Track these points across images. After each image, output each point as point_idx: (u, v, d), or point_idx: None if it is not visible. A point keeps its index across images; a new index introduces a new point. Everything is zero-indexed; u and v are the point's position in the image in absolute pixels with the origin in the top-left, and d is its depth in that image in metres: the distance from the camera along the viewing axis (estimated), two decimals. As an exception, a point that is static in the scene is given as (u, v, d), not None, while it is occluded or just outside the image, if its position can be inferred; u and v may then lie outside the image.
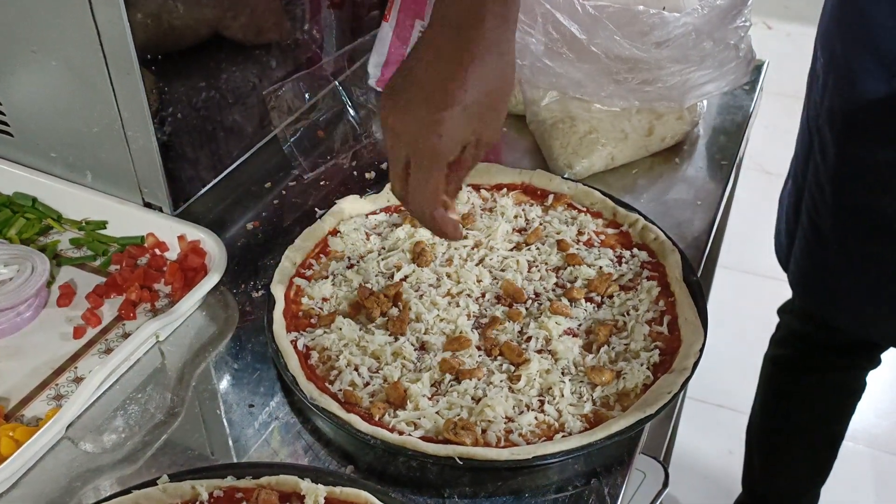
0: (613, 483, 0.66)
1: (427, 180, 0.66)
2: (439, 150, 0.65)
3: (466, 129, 0.65)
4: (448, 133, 0.64)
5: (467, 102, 0.64)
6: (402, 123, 0.65)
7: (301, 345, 0.74)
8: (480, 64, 0.64)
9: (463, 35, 0.64)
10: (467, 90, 0.64)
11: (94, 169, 0.87)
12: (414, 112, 0.65)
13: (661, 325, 0.76)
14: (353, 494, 0.62)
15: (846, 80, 1.04)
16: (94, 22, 0.75)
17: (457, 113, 0.64)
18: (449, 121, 0.64)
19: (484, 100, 0.65)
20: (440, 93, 0.64)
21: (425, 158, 0.65)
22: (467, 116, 0.64)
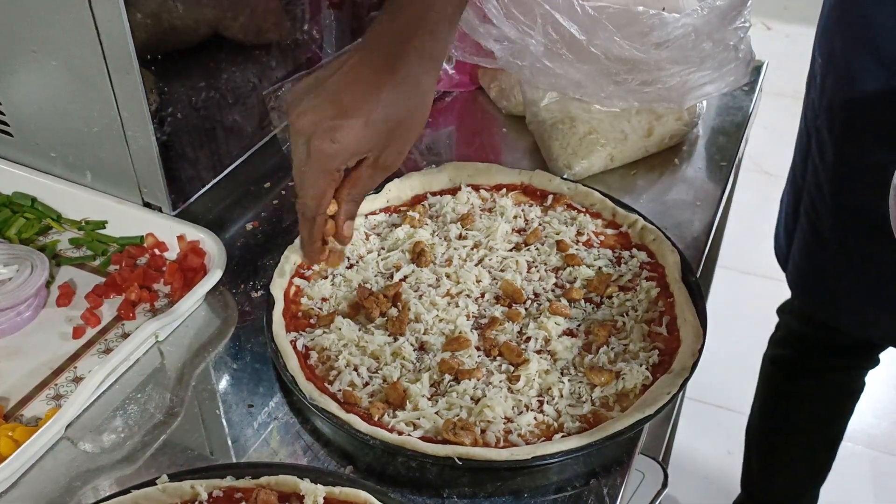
0: (612, 483, 0.66)
1: (315, 180, 0.68)
2: (330, 153, 0.66)
3: (364, 143, 0.66)
4: (343, 141, 0.65)
5: (372, 119, 0.65)
6: (304, 120, 0.66)
7: (300, 345, 0.74)
8: (395, 87, 0.66)
9: (388, 57, 0.66)
10: (375, 106, 0.65)
11: (94, 169, 0.87)
12: (317, 113, 0.66)
13: (660, 326, 0.76)
14: (352, 494, 0.62)
15: (845, 80, 1.04)
16: (94, 22, 0.75)
17: (357, 124, 0.65)
18: (347, 129, 0.65)
19: (390, 123, 0.67)
20: (348, 101, 0.65)
21: (316, 159, 0.67)
22: (368, 132, 0.66)
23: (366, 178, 0.70)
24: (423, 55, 0.67)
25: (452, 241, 0.85)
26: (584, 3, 0.87)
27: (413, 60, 0.66)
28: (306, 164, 0.67)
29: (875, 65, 1.00)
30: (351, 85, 0.66)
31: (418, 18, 0.66)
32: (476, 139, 1.06)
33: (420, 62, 0.67)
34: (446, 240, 0.85)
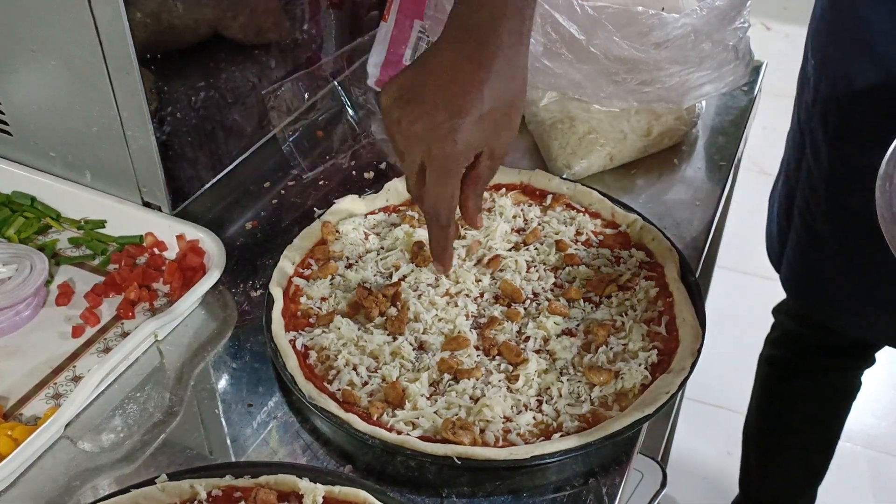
0: (611, 483, 0.67)
1: (444, 185, 0.68)
2: (455, 155, 0.66)
3: (480, 137, 0.66)
4: (464, 140, 0.65)
5: (483, 111, 0.65)
6: (417, 127, 0.66)
7: (300, 344, 0.75)
8: (496, 76, 0.65)
9: (481, 47, 0.65)
10: (484, 100, 0.65)
11: (93, 168, 0.87)
12: (430, 117, 0.65)
13: (659, 326, 0.76)
14: (351, 494, 0.62)
15: (840, 82, 1.04)
16: (94, 21, 0.75)
17: (473, 120, 0.65)
18: (466, 127, 0.65)
19: (498, 111, 0.66)
20: (458, 99, 0.65)
21: (441, 163, 0.66)
22: (482, 125, 0.66)
23: (486, 170, 0.70)
24: (513, 37, 0.66)
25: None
26: (584, 3, 0.87)
27: (505, 45, 0.66)
28: (430, 170, 0.67)
29: (869, 67, 1.00)
30: (453, 83, 0.66)
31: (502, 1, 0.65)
32: (475, 139, 1.06)
33: (511, 45, 0.66)
34: (445, 239, 0.85)
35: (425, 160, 0.67)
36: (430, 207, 0.69)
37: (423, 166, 0.68)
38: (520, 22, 0.66)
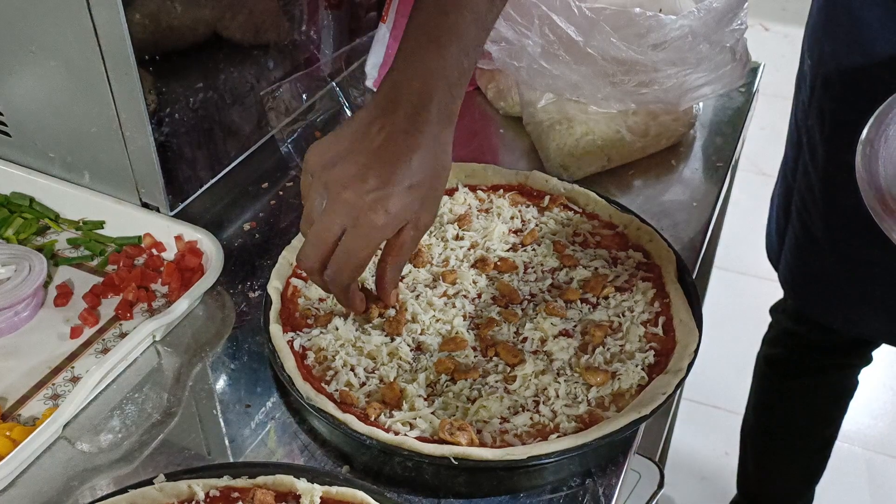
0: (608, 483, 0.67)
1: (359, 253, 0.67)
2: (383, 225, 0.65)
3: (409, 208, 0.66)
4: (394, 209, 0.65)
5: (413, 182, 0.65)
6: (347, 194, 0.65)
7: (297, 345, 0.75)
8: (425, 149, 0.66)
9: (411, 119, 0.65)
10: (413, 170, 0.65)
11: (92, 169, 0.87)
12: (361, 184, 0.64)
13: (656, 327, 0.77)
14: (348, 494, 0.62)
15: (836, 82, 1.05)
16: (93, 22, 0.75)
17: (403, 190, 0.65)
18: (396, 197, 0.65)
19: (426, 183, 0.66)
20: (389, 168, 0.65)
21: (366, 232, 0.65)
22: (411, 196, 0.66)
23: (410, 240, 0.69)
24: (442, 113, 0.66)
25: (449, 241, 0.85)
26: (581, 5, 0.87)
27: (434, 120, 0.66)
28: (351, 238, 0.66)
29: (864, 65, 1.00)
30: (382, 151, 0.65)
31: (437, 75, 0.66)
32: (474, 140, 1.06)
33: (440, 120, 0.66)
34: (443, 240, 0.85)
35: (348, 227, 0.66)
36: (336, 275, 0.68)
37: (340, 233, 0.66)
38: (449, 99, 0.66)
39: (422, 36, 0.67)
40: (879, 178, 0.75)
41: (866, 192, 0.74)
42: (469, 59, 0.67)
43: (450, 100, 0.67)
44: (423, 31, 0.67)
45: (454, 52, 0.66)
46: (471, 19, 0.66)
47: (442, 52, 0.66)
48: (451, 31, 0.66)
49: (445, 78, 0.66)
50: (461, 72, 0.66)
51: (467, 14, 0.66)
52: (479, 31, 0.67)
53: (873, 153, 0.77)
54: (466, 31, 0.66)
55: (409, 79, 0.66)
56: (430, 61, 0.66)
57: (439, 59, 0.66)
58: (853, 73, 1.01)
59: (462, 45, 0.66)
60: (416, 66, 0.66)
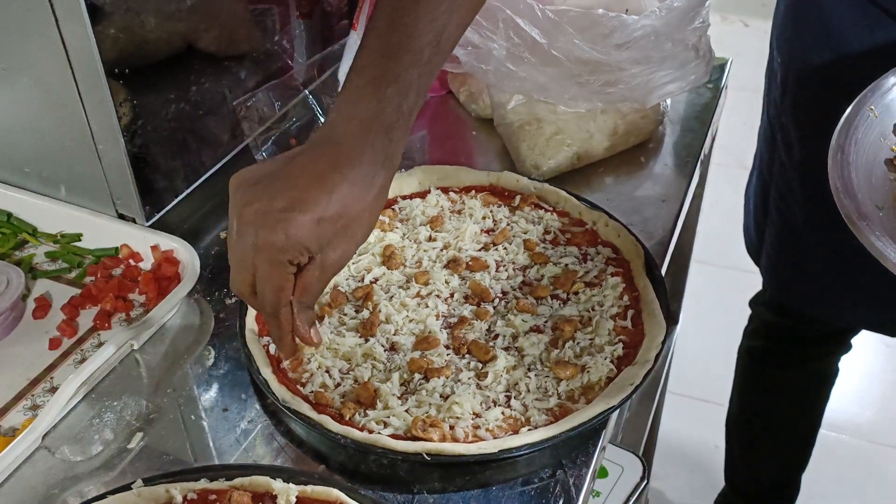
0: (578, 474, 0.68)
1: (268, 274, 0.65)
2: (279, 246, 0.63)
3: (314, 241, 0.64)
4: (293, 235, 0.62)
5: (324, 216, 0.63)
6: (250, 210, 0.63)
7: (273, 349, 0.76)
8: (349, 185, 0.64)
9: (341, 154, 0.64)
10: (329, 202, 0.63)
11: (68, 183, 0.88)
12: (268, 203, 0.63)
13: (625, 320, 0.78)
14: (324, 493, 0.64)
15: (807, 77, 1.06)
16: (61, 38, 0.76)
17: (309, 219, 0.63)
18: (298, 223, 0.62)
19: (341, 220, 0.64)
20: (301, 194, 0.63)
21: (266, 253, 0.64)
22: (319, 229, 0.63)
23: (314, 281, 0.66)
24: (378, 154, 0.65)
25: (422, 243, 0.86)
26: (545, 8, 0.89)
27: (367, 159, 0.64)
28: (255, 257, 0.64)
29: (834, 60, 1.02)
30: (302, 179, 0.64)
31: (374, 116, 0.65)
32: (448, 142, 1.08)
33: (374, 161, 0.65)
34: (416, 242, 0.87)
35: (253, 248, 0.64)
36: (261, 302, 0.67)
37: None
38: (386, 143, 0.65)
39: (361, 78, 0.66)
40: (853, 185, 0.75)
41: (841, 201, 0.74)
42: (408, 102, 0.66)
43: (386, 143, 0.65)
44: (363, 73, 0.66)
45: (391, 95, 0.65)
46: (409, 62, 0.65)
47: (378, 94, 0.65)
48: (389, 75, 0.65)
49: (381, 122, 0.65)
50: (399, 114, 0.65)
51: (405, 58, 0.65)
52: (420, 75, 0.66)
53: (844, 160, 0.77)
54: (405, 75, 0.65)
55: (345, 119, 0.65)
56: (368, 104, 0.65)
57: (376, 102, 0.65)
58: (825, 69, 1.03)
59: (399, 88, 0.65)
60: (353, 108, 0.65)
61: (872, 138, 0.80)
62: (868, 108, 0.81)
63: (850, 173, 0.76)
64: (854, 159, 0.77)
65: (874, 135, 0.80)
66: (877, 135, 0.81)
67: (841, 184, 0.75)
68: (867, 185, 0.75)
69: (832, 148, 0.78)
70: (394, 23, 0.66)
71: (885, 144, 0.81)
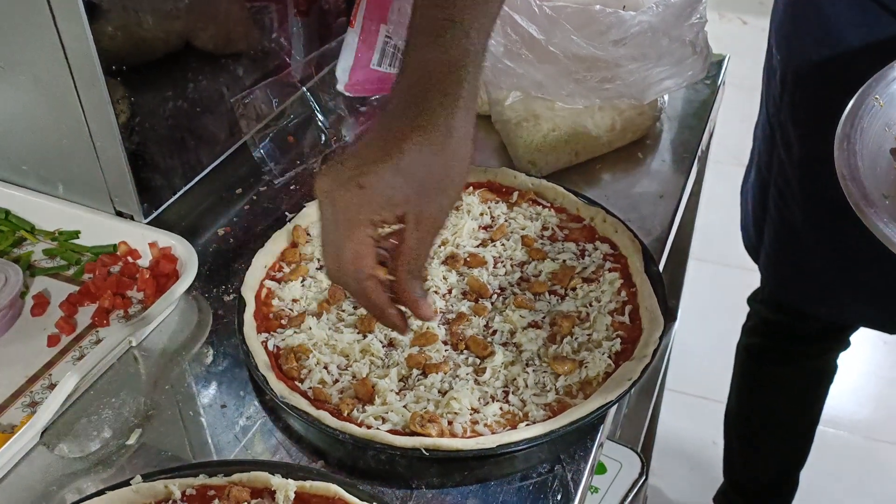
0: (576, 469, 0.68)
1: (346, 239, 0.59)
2: (357, 202, 0.58)
3: (396, 192, 0.59)
4: (371, 185, 0.58)
5: (400, 166, 0.59)
6: (324, 180, 0.60)
7: (272, 345, 0.76)
8: (422, 136, 0.60)
9: (410, 108, 0.61)
10: (404, 151, 0.59)
11: (66, 180, 0.88)
12: (341, 166, 0.60)
13: (622, 316, 0.78)
14: (322, 488, 0.64)
15: (807, 76, 1.06)
16: (59, 37, 0.76)
17: (386, 169, 0.58)
18: (374, 174, 0.58)
19: (422, 174, 0.60)
20: (373, 149, 0.60)
21: (343, 212, 0.59)
22: (399, 180, 0.59)
23: (414, 242, 0.61)
24: (449, 98, 0.60)
25: (420, 239, 0.86)
26: (542, 4, 0.89)
27: (437, 107, 0.60)
28: (335, 227, 0.60)
29: (833, 58, 1.02)
30: (373, 139, 0.61)
31: (438, 60, 0.61)
32: (445, 140, 1.08)
33: (447, 109, 0.60)
34: (414, 239, 0.87)
35: (332, 220, 0.60)
36: (340, 275, 0.61)
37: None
38: (455, 84, 0.61)
39: (417, 34, 0.62)
40: (860, 173, 0.74)
41: (849, 190, 0.73)
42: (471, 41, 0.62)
43: (456, 85, 0.61)
44: (418, 28, 0.63)
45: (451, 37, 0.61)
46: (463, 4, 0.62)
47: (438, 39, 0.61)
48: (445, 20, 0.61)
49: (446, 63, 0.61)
50: (465, 54, 0.61)
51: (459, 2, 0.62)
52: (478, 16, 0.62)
53: (851, 148, 0.77)
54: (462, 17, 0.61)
55: (407, 73, 0.62)
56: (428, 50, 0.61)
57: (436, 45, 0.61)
58: (824, 66, 1.03)
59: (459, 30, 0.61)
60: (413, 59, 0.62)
61: (877, 128, 0.79)
62: (873, 97, 0.81)
63: (857, 162, 0.75)
64: (860, 148, 0.77)
65: (879, 124, 0.80)
66: (881, 125, 0.80)
67: (847, 172, 0.74)
68: (872, 175, 0.75)
69: (838, 137, 0.78)
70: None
71: (889, 134, 0.80)
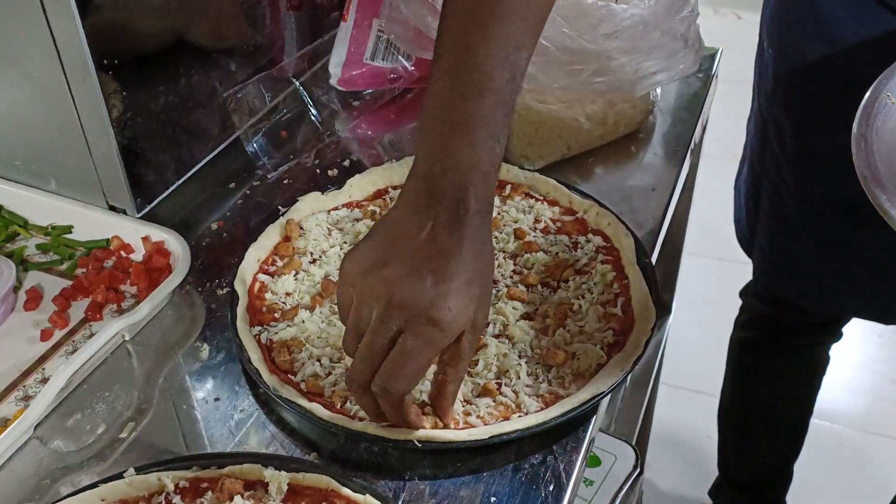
0: (569, 460, 0.68)
1: (419, 356, 0.60)
2: (447, 324, 0.60)
3: (470, 305, 0.61)
4: (457, 307, 0.60)
5: (468, 277, 0.61)
6: (405, 292, 0.59)
7: (265, 339, 0.76)
8: (471, 240, 0.62)
9: (451, 211, 0.61)
10: (467, 263, 0.61)
11: (58, 175, 0.88)
12: (417, 282, 0.60)
13: (615, 307, 0.79)
14: (315, 480, 0.64)
15: (799, 68, 1.07)
16: (50, 31, 0.76)
17: (462, 285, 0.60)
18: (457, 293, 0.60)
19: (479, 276, 0.62)
20: (442, 264, 0.60)
21: (427, 332, 0.60)
22: (470, 292, 0.61)
23: (468, 347, 0.63)
24: (481, 204, 0.62)
25: (413, 233, 0.87)
26: (534, -3, 0.89)
27: (473, 211, 0.61)
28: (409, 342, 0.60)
29: (826, 51, 1.02)
30: (432, 248, 0.61)
31: (473, 164, 0.61)
32: (438, 134, 1.08)
33: (478, 212, 0.62)
34: (407, 232, 0.87)
35: (406, 329, 0.60)
36: (386, 382, 0.61)
37: (395, 338, 0.61)
38: (486, 189, 0.62)
39: (444, 124, 0.62)
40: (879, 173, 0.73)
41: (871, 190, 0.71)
42: (500, 145, 0.62)
43: (486, 189, 0.62)
44: (444, 118, 0.62)
45: (483, 139, 0.61)
46: (493, 102, 0.62)
47: (471, 139, 0.61)
48: (476, 117, 0.61)
49: (480, 167, 0.61)
50: (494, 158, 0.62)
51: (490, 97, 0.61)
52: (505, 115, 0.62)
53: (868, 149, 0.76)
54: (492, 116, 0.61)
55: (442, 171, 0.62)
56: (462, 150, 0.61)
57: (470, 147, 0.61)
58: (819, 62, 1.03)
59: (490, 131, 0.62)
60: (447, 158, 0.62)
61: (891, 126, 0.79)
62: (885, 95, 0.80)
63: (876, 162, 0.75)
64: (877, 148, 0.76)
65: (893, 122, 0.79)
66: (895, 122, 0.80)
67: (869, 173, 0.73)
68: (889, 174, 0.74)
69: (854, 137, 0.77)
70: (466, 62, 0.62)
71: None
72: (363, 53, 1.04)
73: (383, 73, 1.05)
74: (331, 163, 1.01)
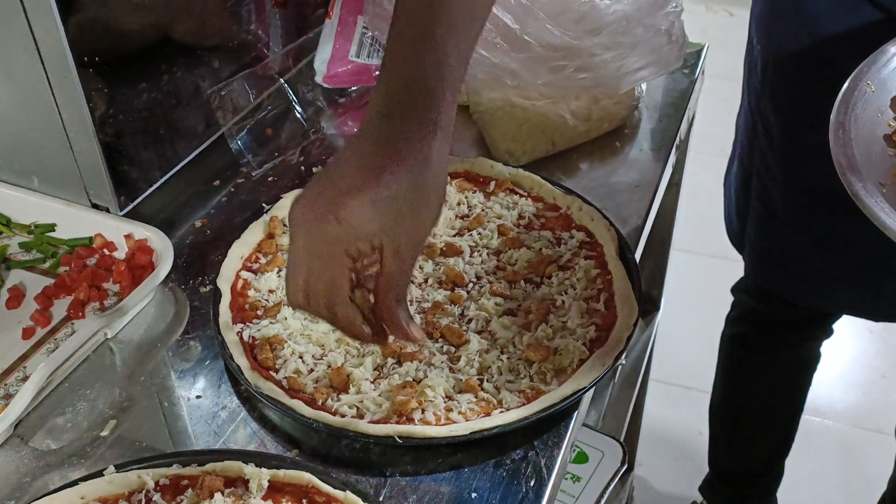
0: (550, 455, 0.69)
1: (323, 271, 0.60)
2: (334, 235, 0.59)
3: (373, 223, 0.59)
4: (348, 219, 0.59)
5: (378, 197, 0.59)
6: (298, 210, 0.61)
7: (247, 336, 0.76)
8: (399, 165, 0.59)
9: (386, 135, 0.60)
10: (381, 182, 0.59)
11: (40, 173, 0.88)
12: (315, 199, 0.60)
13: (597, 303, 0.79)
14: (295, 476, 0.64)
15: (786, 64, 1.07)
16: (30, 29, 0.76)
17: (363, 201, 0.59)
18: (351, 207, 0.59)
19: (400, 203, 0.60)
20: (347, 179, 0.60)
21: (320, 247, 0.60)
22: (376, 212, 0.59)
23: (395, 270, 0.62)
24: (425, 123, 0.60)
25: (397, 229, 0.86)
26: (517, -7, 0.89)
27: (414, 136, 0.60)
28: (308, 258, 0.60)
29: (812, 47, 1.03)
30: (348, 166, 0.60)
31: (415, 84, 0.60)
32: (424, 131, 1.07)
33: (424, 138, 0.60)
34: (390, 229, 0.87)
35: (305, 249, 0.60)
36: (317, 304, 0.62)
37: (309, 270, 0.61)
38: (431, 110, 0.60)
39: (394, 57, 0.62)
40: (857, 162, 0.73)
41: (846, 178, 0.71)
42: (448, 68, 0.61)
43: (432, 111, 0.60)
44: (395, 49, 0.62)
45: (429, 64, 0.60)
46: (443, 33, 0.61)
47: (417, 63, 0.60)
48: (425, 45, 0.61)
49: (422, 89, 0.60)
50: (441, 80, 0.61)
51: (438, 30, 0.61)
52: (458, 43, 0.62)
53: (846, 136, 0.76)
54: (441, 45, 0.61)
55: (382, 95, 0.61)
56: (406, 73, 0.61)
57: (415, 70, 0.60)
58: (803, 54, 1.03)
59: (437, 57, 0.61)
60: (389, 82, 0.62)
61: (870, 114, 0.79)
62: (865, 82, 0.80)
63: (853, 151, 0.74)
64: (854, 136, 0.76)
65: (871, 110, 0.79)
66: (874, 110, 0.79)
67: (845, 161, 0.73)
68: (867, 162, 0.74)
69: (832, 125, 0.77)
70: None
71: (882, 120, 0.79)
72: (348, 50, 1.04)
73: (368, 70, 1.05)
74: (316, 160, 1.00)
